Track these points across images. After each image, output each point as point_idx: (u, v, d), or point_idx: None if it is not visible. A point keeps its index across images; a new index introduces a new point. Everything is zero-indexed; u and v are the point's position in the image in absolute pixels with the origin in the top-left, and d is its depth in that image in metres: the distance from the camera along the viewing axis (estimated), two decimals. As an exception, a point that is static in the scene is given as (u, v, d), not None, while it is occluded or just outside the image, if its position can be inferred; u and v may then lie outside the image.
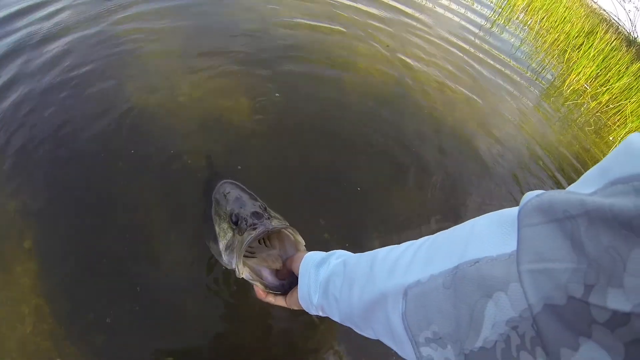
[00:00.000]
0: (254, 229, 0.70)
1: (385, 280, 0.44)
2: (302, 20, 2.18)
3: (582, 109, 3.04)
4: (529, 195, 0.30)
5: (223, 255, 0.76)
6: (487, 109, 2.21)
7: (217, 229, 0.82)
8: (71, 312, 1.03)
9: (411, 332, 0.39)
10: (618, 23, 8.83)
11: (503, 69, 2.78)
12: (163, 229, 1.19)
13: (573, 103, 3.00)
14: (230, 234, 0.76)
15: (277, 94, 1.65)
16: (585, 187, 0.27)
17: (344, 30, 2.26)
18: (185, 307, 1.08)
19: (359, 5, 2.61)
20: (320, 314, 0.61)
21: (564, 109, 2.85)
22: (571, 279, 0.25)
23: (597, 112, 3.13)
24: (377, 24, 2.48)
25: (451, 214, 1.50)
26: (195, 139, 1.41)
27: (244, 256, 0.70)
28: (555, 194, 0.28)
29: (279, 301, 0.71)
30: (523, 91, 2.68)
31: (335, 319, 0.57)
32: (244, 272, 0.68)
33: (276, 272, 0.72)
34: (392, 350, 0.45)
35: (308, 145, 1.51)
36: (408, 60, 2.23)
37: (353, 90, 1.83)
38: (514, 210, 0.34)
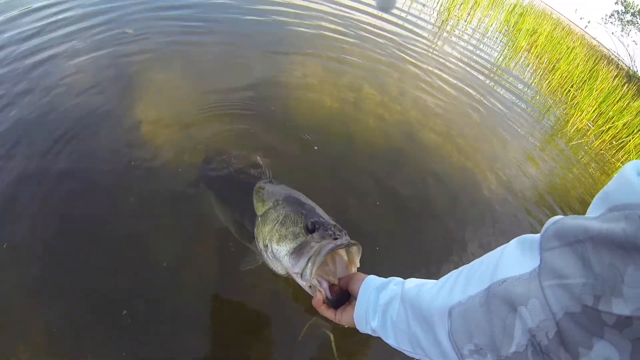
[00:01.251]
0: (335, 239, 0.74)
1: (432, 303, 0.52)
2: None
3: (586, 147, 3.12)
4: (550, 221, 0.38)
5: (285, 258, 0.78)
6: (493, 152, 2.30)
7: (274, 231, 0.84)
8: (71, 350, 1.04)
9: (457, 346, 0.47)
10: (618, 58, 9.10)
11: (508, 112, 2.89)
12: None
13: (577, 143, 3.08)
14: (300, 239, 0.78)
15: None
16: (593, 211, 0.34)
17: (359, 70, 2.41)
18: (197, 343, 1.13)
19: (366, 45, 2.79)
20: (373, 334, 0.67)
21: (568, 150, 2.93)
22: (583, 290, 0.32)
23: (600, 150, 3.21)
24: (386, 69, 2.63)
25: (458, 252, 1.56)
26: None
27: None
28: (567, 221, 0.36)
29: (330, 313, 0.76)
30: (528, 132, 2.78)
31: (390, 342, 0.63)
32: (314, 278, 0.72)
33: (330, 287, 0.75)
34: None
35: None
36: (415, 108, 2.35)
37: (363, 138, 1.94)
38: (533, 236, 0.42)
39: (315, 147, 1.73)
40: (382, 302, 0.64)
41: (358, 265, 0.77)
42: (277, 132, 1.74)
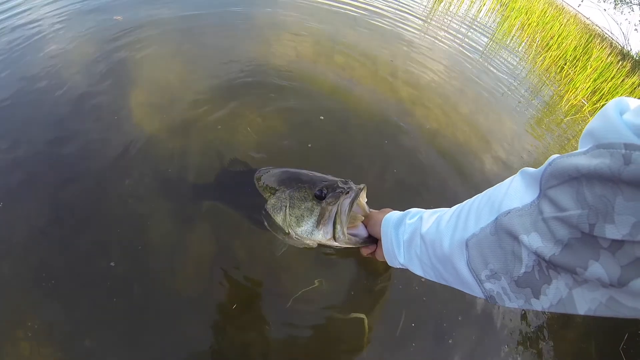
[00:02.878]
0: (346, 192, 0.78)
1: (451, 239, 0.57)
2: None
3: (582, 122, 3.11)
4: (547, 162, 0.42)
5: (314, 233, 0.81)
6: (488, 127, 2.28)
7: (289, 217, 0.85)
8: (68, 337, 1.04)
9: (475, 273, 0.52)
10: (612, 37, 9.06)
11: (502, 89, 2.87)
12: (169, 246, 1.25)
13: (572, 118, 3.08)
14: (317, 210, 0.80)
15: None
16: (582, 145, 0.38)
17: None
18: (192, 331, 1.12)
19: (358, 24, 2.73)
20: (403, 267, 0.74)
21: (564, 125, 2.93)
22: (579, 220, 0.36)
23: (595, 126, 3.20)
24: (379, 45, 2.59)
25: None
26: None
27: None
28: (560, 162, 0.40)
29: (375, 254, 0.84)
30: (523, 108, 2.76)
31: (417, 273, 0.69)
32: (347, 236, 0.76)
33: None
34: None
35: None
36: (409, 84, 2.32)
37: (357, 108, 1.90)
38: (534, 170, 0.46)
39: (321, 117, 1.70)
40: (404, 239, 0.70)
41: (366, 199, 0.84)
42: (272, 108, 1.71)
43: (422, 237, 0.65)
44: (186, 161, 1.46)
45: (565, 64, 3.99)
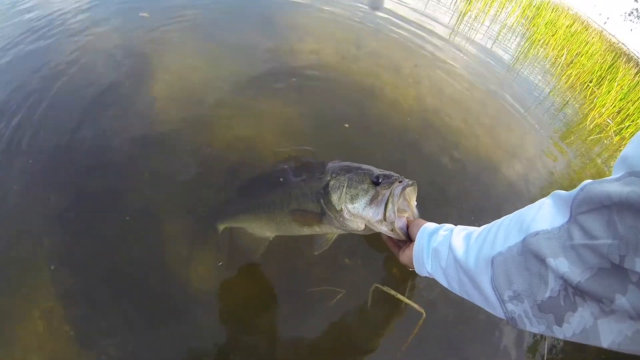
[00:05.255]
0: (400, 181, 0.87)
1: (477, 255, 0.57)
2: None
3: (606, 142, 3.05)
4: (579, 187, 0.42)
5: (365, 211, 0.89)
6: (509, 142, 2.26)
7: (345, 194, 0.95)
8: (83, 317, 1.08)
9: (498, 292, 0.52)
10: (638, 57, 8.85)
11: (525, 103, 2.83)
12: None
13: (596, 137, 3.01)
14: (371, 192, 0.90)
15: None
16: (616, 172, 0.38)
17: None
18: (203, 313, 1.14)
19: (382, 31, 2.75)
20: (429, 276, 0.75)
21: (586, 145, 2.86)
22: (610, 250, 0.35)
23: (621, 146, 3.13)
24: (403, 55, 2.60)
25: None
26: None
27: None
28: (593, 189, 0.39)
29: (396, 250, 0.88)
30: (546, 125, 2.72)
31: (442, 283, 0.70)
32: (397, 218, 0.83)
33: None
34: None
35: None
36: (431, 95, 2.32)
37: (379, 122, 1.92)
38: (566, 193, 0.45)
39: (346, 125, 1.72)
40: (433, 247, 0.71)
41: (415, 202, 0.90)
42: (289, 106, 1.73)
43: (450, 250, 0.65)
44: (208, 155, 1.49)
45: (591, 81, 3.92)
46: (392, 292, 1.26)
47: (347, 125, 1.73)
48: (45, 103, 1.53)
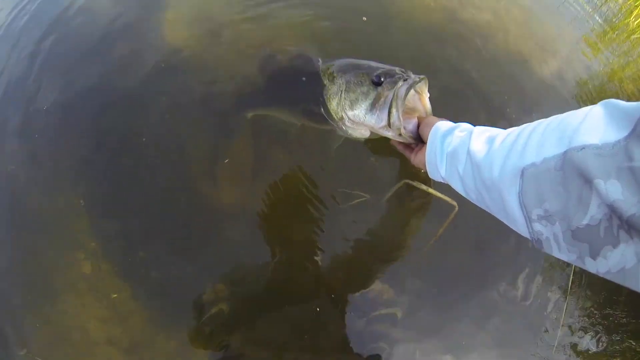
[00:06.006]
0: (405, 80, 0.75)
1: (503, 164, 0.48)
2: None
3: (651, 42, 2.74)
4: None
5: (367, 117, 0.80)
6: (544, 37, 2.05)
7: (343, 100, 0.86)
8: (124, 251, 1.12)
9: (526, 209, 0.44)
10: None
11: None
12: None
13: (639, 37, 2.70)
14: (372, 94, 0.79)
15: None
16: None
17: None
18: (237, 243, 1.16)
19: None
20: (443, 181, 0.68)
21: (629, 42, 2.58)
22: None
23: (666, 48, 2.82)
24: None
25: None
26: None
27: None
28: None
29: (408, 152, 0.82)
30: (585, 19, 2.43)
31: (458, 190, 0.63)
32: (402, 123, 0.75)
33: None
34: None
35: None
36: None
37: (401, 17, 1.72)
38: (626, 104, 0.36)
39: (364, 18, 1.58)
40: (448, 151, 0.62)
41: (428, 94, 0.79)
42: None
43: (469, 154, 0.56)
44: (225, 70, 1.41)
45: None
46: (423, 187, 1.22)
47: (365, 19, 1.55)
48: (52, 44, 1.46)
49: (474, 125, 0.64)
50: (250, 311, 1.12)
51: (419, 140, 0.77)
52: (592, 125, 0.38)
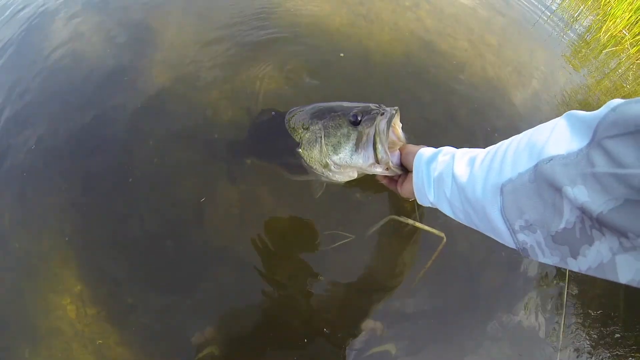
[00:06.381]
0: (382, 113, 0.76)
1: (484, 183, 0.52)
2: None
3: (622, 55, 2.84)
4: (608, 107, 0.36)
5: (353, 158, 0.79)
6: (518, 60, 2.11)
7: (325, 146, 0.84)
8: (111, 296, 1.11)
9: (508, 222, 0.47)
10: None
11: (533, 17, 2.61)
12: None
13: (611, 51, 2.80)
14: (354, 135, 0.78)
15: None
16: None
17: None
18: (227, 289, 1.15)
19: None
20: (432, 206, 0.70)
21: (602, 57, 2.68)
22: None
23: (637, 59, 2.92)
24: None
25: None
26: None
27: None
28: (627, 109, 0.33)
29: (393, 186, 0.84)
30: (557, 38, 2.53)
31: (448, 214, 0.66)
32: (389, 156, 0.75)
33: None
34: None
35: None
36: (430, 17, 2.13)
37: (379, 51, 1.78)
38: (584, 114, 0.39)
39: (342, 54, 1.62)
40: (434, 176, 0.65)
41: (401, 125, 0.81)
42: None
43: (453, 178, 0.59)
44: (207, 116, 1.42)
45: (605, -10, 3.57)
46: (410, 221, 1.23)
47: (342, 55, 1.60)
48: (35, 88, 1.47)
49: (456, 148, 0.67)
50: (241, 353, 1.11)
51: (404, 170, 0.79)
52: (558, 138, 0.41)
